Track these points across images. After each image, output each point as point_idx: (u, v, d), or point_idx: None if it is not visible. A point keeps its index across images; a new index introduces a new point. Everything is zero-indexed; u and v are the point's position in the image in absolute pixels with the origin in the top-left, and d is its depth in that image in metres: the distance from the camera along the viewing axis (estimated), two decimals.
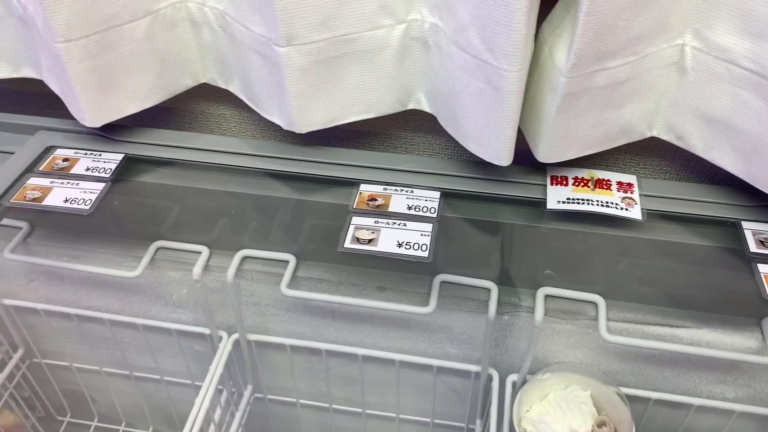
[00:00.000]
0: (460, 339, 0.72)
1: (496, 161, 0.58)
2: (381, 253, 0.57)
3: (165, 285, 0.74)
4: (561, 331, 0.67)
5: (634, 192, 0.60)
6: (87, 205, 0.60)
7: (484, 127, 0.57)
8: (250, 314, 0.75)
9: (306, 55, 0.57)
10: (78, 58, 0.58)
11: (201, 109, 0.72)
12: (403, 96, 0.63)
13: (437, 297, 0.65)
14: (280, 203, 0.68)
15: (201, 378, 0.79)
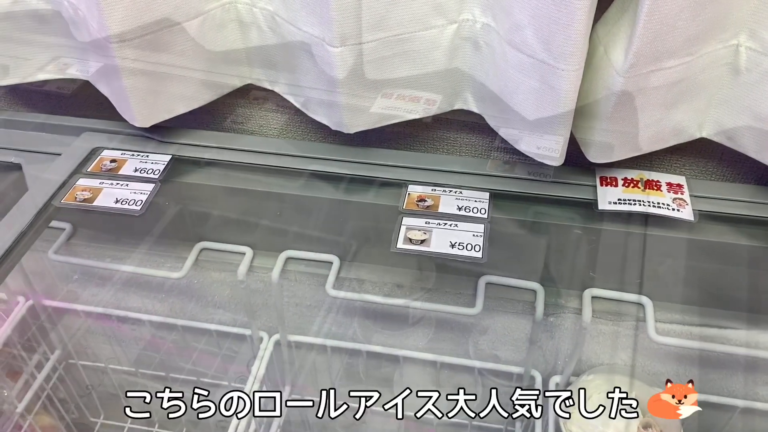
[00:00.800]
0: (503, 341, 0.72)
1: (549, 161, 0.58)
2: (434, 253, 0.56)
3: (208, 286, 0.74)
4: (605, 332, 0.67)
5: (685, 193, 0.60)
6: (138, 205, 0.60)
7: (537, 127, 0.57)
8: (290, 315, 0.75)
9: (359, 55, 0.57)
10: (131, 58, 0.59)
11: (244, 110, 0.72)
12: (451, 96, 0.63)
13: (483, 298, 0.65)
14: (324, 204, 0.68)
15: (237, 380, 0.79)
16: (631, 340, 0.67)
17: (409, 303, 0.66)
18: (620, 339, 0.68)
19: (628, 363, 0.69)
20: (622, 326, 0.66)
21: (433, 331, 0.74)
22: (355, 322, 0.75)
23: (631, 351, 0.68)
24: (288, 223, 0.71)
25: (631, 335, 0.66)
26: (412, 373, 0.77)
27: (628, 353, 0.69)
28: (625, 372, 0.68)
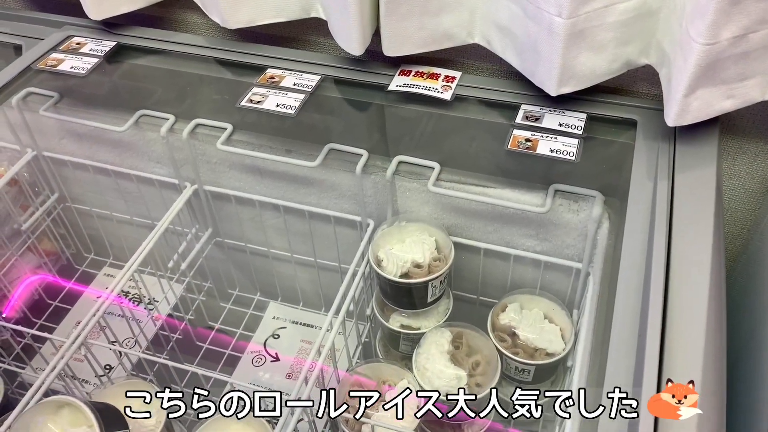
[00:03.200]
0: (347, 195, 0.96)
1: (350, 50, 0.82)
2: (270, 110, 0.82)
3: (146, 143, 1.03)
4: (412, 189, 0.90)
5: (454, 82, 0.82)
6: (83, 71, 0.89)
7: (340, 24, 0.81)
8: (204, 169, 1.02)
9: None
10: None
11: (179, 17, 1.00)
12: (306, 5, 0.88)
13: (323, 158, 0.90)
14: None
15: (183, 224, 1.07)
16: (432, 196, 0.90)
17: (282, 159, 0.92)
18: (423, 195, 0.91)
19: (431, 215, 0.92)
20: (421, 183, 0.89)
21: (287, 184, 0.99)
22: (249, 177, 1.01)
23: (432, 205, 0.91)
24: (203, 96, 0.98)
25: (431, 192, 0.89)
26: (290, 221, 1.03)
27: (430, 207, 0.92)
28: (430, 222, 0.91)
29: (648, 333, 0.59)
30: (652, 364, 0.57)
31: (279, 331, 1.14)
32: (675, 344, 0.59)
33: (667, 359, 0.58)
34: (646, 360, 0.57)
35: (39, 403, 0.75)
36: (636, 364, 0.60)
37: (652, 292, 0.62)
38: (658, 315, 0.60)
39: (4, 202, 1.08)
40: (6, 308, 1.12)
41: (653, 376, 0.56)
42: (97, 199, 1.17)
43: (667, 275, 0.63)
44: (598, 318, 0.79)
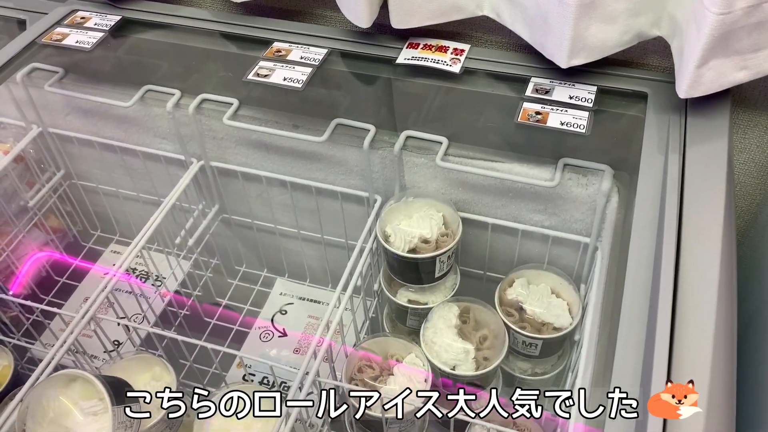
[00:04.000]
0: (355, 171, 0.96)
1: (357, 23, 0.81)
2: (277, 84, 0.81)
3: (152, 118, 1.02)
4: (420, 164, 0.90)
5: (463, 55, 0.81)
6: (89, 45, 0.88)
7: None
8: (210, 145, 1.02)
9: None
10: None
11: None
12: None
13: (330, 133, 0.89)
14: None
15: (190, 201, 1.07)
16: (440, 171, 0.90)
17: (302, 137, 0.91)
18: (431, 170, 0.90)
19: (439, 190, 0.92)
20: (429, 158, 0.88)
21: (298, 161, 0.99)
22: (255, 152, 1.01)
23: (440, 181, 0.91)
24: (206, 71, 0.97)
25: (439, 167, 0.88)
26: (297, 197, 1.03)
27: (438, 182, 0.91)
28: (437, 197, 0.90)
29: (659, 307, 0.59)
30: (663, 339, 0.56)
31: (286, 307, 1.15)
32: (686, 317, 0.59)
33: (678, 333, 0.57)
34: (657, 334, 0.57)
35: (50, 377, 0.76)
36: (647, 339, 0.60)
37: (663, 266, 0.62)
38: (669, 289, 0.60)
39: (11, 179, 1.08)
40: (14, 285, 1.13)
41: (664, 351, 0.56)
42: (103, 175, 1.16)
43: (678, 248, 0.63)
44: (607, 292, 0.79)
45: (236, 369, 1.06)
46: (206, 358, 0.95)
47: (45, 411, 0.74)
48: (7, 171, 1.06)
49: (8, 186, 1.09)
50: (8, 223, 1.10)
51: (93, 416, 0.74)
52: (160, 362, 0.86)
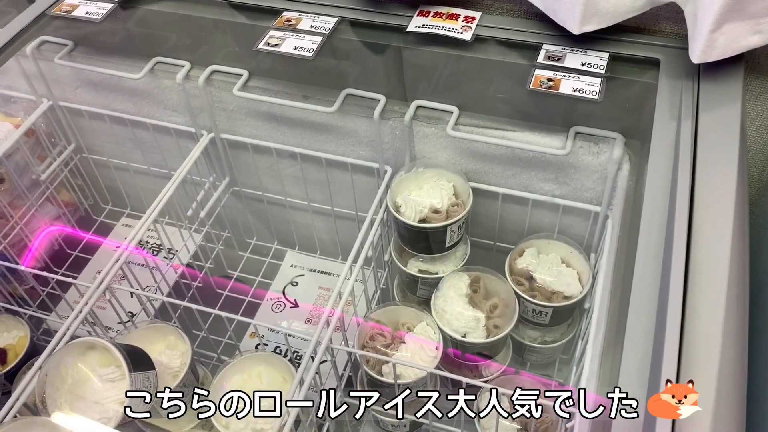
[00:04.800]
0: (365, 142, 0.96)
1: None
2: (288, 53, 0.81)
3: (162, 91, 1.02)
4: (430, 134, 0.90)
5: (474, 23, 0.81)
6: (99, 17, 0.88)
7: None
8: (220, 117, 1.02)
9: None
10: None
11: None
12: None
13: (340, 104, 0.89)
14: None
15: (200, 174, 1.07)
16: (450, 141, 0.90)
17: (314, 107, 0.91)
18: (442, 140, 0.90)
19: (450, 160, 0.92)
20: (439, 128, 0.88)
21: (308, 132, 0.99)
22: (265, 124, 1.01)
23: (451, 150, 0.91)
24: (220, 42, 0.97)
25: (450, 137, 0.88)
26: (309, 169, 1.03)
27: (449, 152, 0.91)
28: (448, 167, 0.90)
29: (671, 275, 0.59)
30: (675, 307, 0.56)
31: (297, 279, 1.16)
32: (698, 285, 0.59)
33: (690, 300, 0.58)
34: (670, 302, 0.57)
35: (68, 345, 0.77)
36: (659, 307, 0.60)
37: (675, 233, 0.62)
38: (681, 257, 0.60)
39: (22, 153, 1.08)
40: (28, 258, 1.14)
41: (676, 319, 0.56)
42: (113, 149, 1.17)
43: (690, 215, 0.63)
44: (618, 260, 0.79)
45: (249, 339, 1.08)
46: (219, 329, 0.96)
47: (63, 378, 0.75)
48: (19, 144, 1.06)
49: (20, 160, 1.09)
50: (21, 197, 1.11)
51: (111, 383, 0.75)
52: (175, 331, 0.87)
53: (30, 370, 0.77)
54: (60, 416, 0.72)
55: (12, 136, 1.05)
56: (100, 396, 0.74)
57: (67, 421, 0.72)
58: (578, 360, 0.88)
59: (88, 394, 0.75)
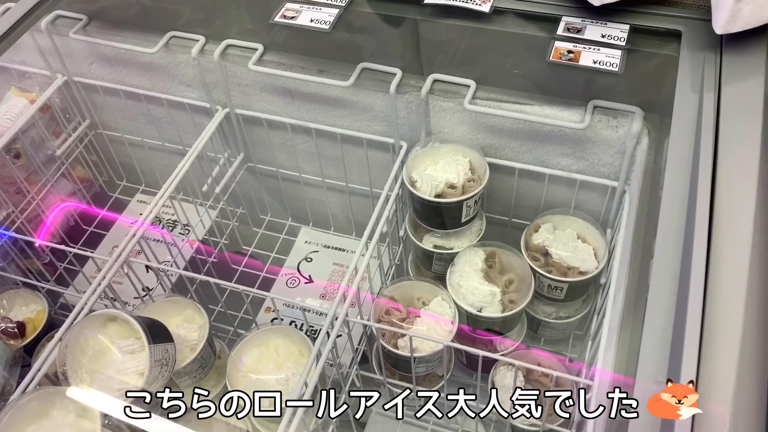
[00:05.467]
0: (380, 117, 0.96)
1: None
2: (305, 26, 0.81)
3: (177, 65, 1.02)
4: (447, 108, 0.89)
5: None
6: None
7: None
8: (235, 92, 1.01)
9: None
10: None
11: None
12: None
13: (356, 78, 0.89)
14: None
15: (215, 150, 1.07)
16: (467, 115, 0.89)
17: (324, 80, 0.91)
18: (458, 115, 0.90)
19: (466, 135, 0.91)
20: (456, 102, 0.88)
21: (326, 108, 0.98)
22: (282, 100, 1.01)
23: (467, 125, 0.90)
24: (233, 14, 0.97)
25: (467, 111, 0.88)
26: (324, 145, 1.03)
27: (465, 127, 0.91)
28: (464, 143, 0.90)
29: (693, 250, 0.58)
30: (697, 284, 0.55)
31: (311, 255, 1.16)
32: (721, 257, 0.58)
33: (712, 276, 0.57)
34: (692, 279, 0.56)
35: (88, 316, 0.78)
36: (680, 284, 0.59)
37: (698, 208, 0.61)
38: (704, 232, 0.59)
39: (38, 128, 1.09)
40: (44, 233, 1.15)
41: (699, 296, 0.55)
42: (127, 125, 1.17)
43: (712, 190, 0.62)
44: (636, 235, 0.79)
45: (264, 314, 1.08)
46: (234, 304, 0.97)
47: (84, 350, 0.76)
48: (34, 120, 1.06)
49: (35, 135, 1.09)
50: (37, 173, 1.12)
51: (130, 354, 0.76)
52: (192, 305, 0.88)
53: (49, 342, 0.78)
54: (81, 386, 0.73)
55: (27, 111, 1.05)
56: (120, 367, 0.75)
57: (88, 392, 0.73)
58: (593, 335, 0.88)
59: (108, 365, 0.75)
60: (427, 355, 0.83)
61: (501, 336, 0.91)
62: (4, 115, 1.04)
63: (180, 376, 0.83)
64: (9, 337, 0.97)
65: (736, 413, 0.49)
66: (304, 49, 0.93)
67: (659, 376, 0.54)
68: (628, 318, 0.73)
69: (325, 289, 1.10)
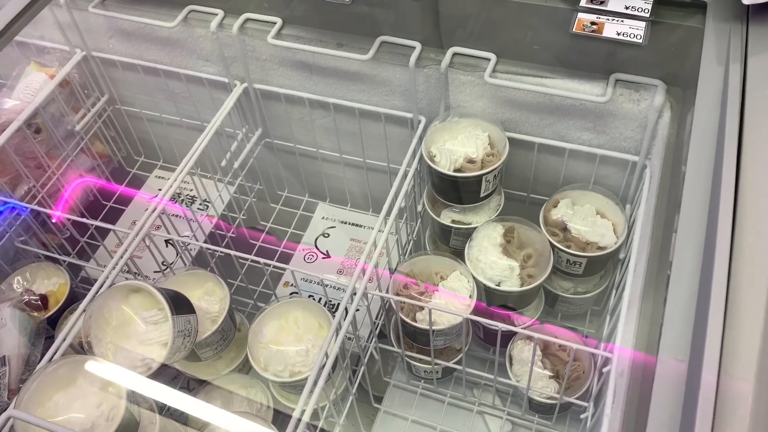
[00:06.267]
0: (398, 92, 0.95)
1: None
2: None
3: (195, 40, 1.02)
4: (467, 82, 0.89)
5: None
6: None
7: None
8: (254, 67, 1.01)
9: None
10: None
11: None
12: None
13: (375, 52, 0.88)
14: None
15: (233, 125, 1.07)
16: (486, 89, 0.88)
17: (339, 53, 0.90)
18: (478, 88, 0.89)
19: (485, 110, 0.91)
20: (476, 76, 0.87)
21: (344, 83, 0.98)
22: (299, 74, 1.00)
23: (486, 99, 0.90)
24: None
25: (486, 85, 0.87)
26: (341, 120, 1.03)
27: (485, 101, 0.90)
28: (484, 117, 0.89)
29: (719, 225, 0.57)
30: (722, 259, 0.55)
31: (328, 231, 1.17)
32: (746, 235, 0.57)
33: (737, 251, 0.56)
34: (717, 254, 0.55)
35: (112, 288, 0.79)
36: (704, 258, 0.58)
37: (723, 183, 0.59)
38: (729, 205, 0.58)
39: (58, 103, 1.09)
40: (64, 207, 1.16)
41: (723, 272, 0.54)
42: (146, 100, 1.17)
43: (738, 164, 0.61)
44: (658, 209, 0.79)
45: (283, 288, 1.09)
46: (253, 279, 0.98)
47: (108, 320, 0.77)
48: (54, 95, 1.07)
49: (55, 110, 1.10)
50: (57, 147, 1.13)
51: (153, 325, 0.77)
52: (213, 277, 0.89)
53: (72, 315, 0.79)
54: (106, 356, 0.75)
55: (47, 86, 1.05)
56: (143, 337, 0.76)
57: (113, 361, 0.74)
58: (611, 310, 0.89)
59: (132, 335, 0.77)
60: (446, 328, 0.83)
61: (516, 312, 0.91)
62: (25, 89, 1.05)
63: (201, 348, 0.84)
64: (33, 309, 0.98)
65: (759, 390, 0.49)
66: (323, 23, 0.92)
67: (682, 351, 0.54)
68: (649, 292, 0.73)
69: (342, 264, 1.11)
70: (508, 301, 0.88)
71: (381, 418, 0.99)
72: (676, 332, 0.56)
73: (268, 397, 0.90)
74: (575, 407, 0.88)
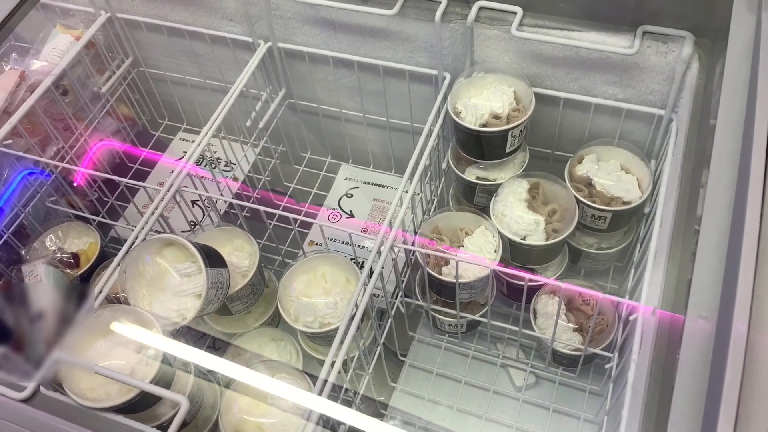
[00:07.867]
0: (423, 48, 0.95)
1: None
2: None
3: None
4: (492, 36, 0.89)
5: None
6: None
7: None
8: (278, 26, 1.02)
9: None
10: None
11: None
12: None
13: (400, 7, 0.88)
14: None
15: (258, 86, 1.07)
16: (512, 43, 0.88)
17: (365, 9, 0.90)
18: (503, 43, 0.89)
19: (511, 65, 0.91)
20: (502, 30, 0.87)
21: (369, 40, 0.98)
22: (323, 32, 1.01)
23: (512, 54, 0.90)
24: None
25: (512, 39, 0.87)
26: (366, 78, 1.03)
27: (510, 56, 0.90)
28: (509, 72, 0.89)
29: (750, 180, 0.55)
30: (754, 214, 0.54)
31: (351, 191, 1.18)
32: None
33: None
34: (748, 209, 0.54)
35: (145, 242, 0.81)
36: (734, 214, 0.57)
37: (755, 134, 0.58)
38: (761, 158, 0.57)
39: (84, 65, 1.10)
40: (92, 168, 1.17)
41: (755, 227, 0.53)
42: (170, 62, 1.18)
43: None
44: (685, 164, 0.79)
45: (308, 247, 1.11)
46: (279, 238, 0.99)
47: (142, 273, 0.79)
48: (80, 57, 1.08)
49: (81, 72, 1.11)
50: (84, 109, 1.14)
51: (187, 277, 0.79)
52: (242, 234, 0.90)
53: (105, 271, 0.81)
54: (143, 306, 0.77)
55: (73, 48, 1.06)
56: (177, 289, 0.78)
57: (149, 311, 0.76)
58: (636, 263, 0.89)
59: (167, 287, 0.79)
60: (472, 281, 0.85)
61: (532, 272, 0.92)
62: (52, 51, 1.06)
63: (233, 301, 0.86)
64: (65, 266, 1.01)
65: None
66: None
67: (711, 306, 0.55)
68: (676, 247, 0.74)
69: (366, 224, 1.12)
70: (532, 255, 0.89)
71: (406, 372, 1.01)
72: (706, 287, 0.57)
73: (297, 349, 0.93)
74: (598, 360, 0.89)
